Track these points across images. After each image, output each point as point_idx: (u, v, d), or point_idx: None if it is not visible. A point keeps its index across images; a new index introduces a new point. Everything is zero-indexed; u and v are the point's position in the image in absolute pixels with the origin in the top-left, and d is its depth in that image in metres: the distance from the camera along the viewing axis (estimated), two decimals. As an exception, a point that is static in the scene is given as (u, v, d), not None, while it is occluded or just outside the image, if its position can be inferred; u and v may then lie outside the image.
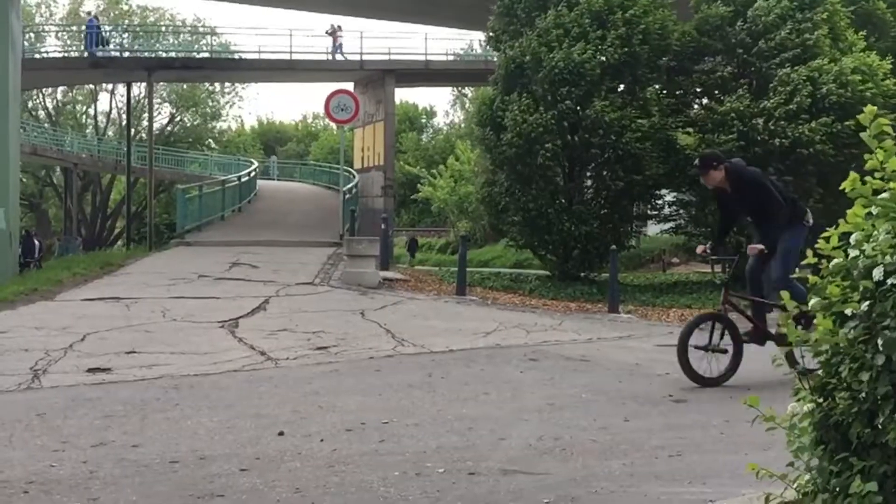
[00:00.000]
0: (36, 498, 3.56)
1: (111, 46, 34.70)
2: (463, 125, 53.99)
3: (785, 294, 2.39)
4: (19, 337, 7.89)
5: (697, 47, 16.21)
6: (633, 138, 14.90)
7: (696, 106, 16.85)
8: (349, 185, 22.60)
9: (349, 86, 28.55)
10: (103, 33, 30.15)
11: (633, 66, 15.64)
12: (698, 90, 16.95)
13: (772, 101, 14.73)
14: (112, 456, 4.22)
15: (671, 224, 17.56)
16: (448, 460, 4.11)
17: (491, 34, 17.65)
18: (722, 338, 6.06)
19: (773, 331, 6.07)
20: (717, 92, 16.15)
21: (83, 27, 30.69)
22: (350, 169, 27.93)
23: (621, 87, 16.21)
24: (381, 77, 28.51)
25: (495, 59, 19.56)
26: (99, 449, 4.35)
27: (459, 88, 51.58)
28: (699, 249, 6.89)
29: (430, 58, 30.12)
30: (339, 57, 29.98)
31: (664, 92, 16.68)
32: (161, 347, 7.54)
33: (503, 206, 16.10)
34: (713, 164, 6.35)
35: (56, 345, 7.47)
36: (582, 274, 16.05)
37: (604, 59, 15.14)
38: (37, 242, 24.55)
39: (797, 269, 6.06)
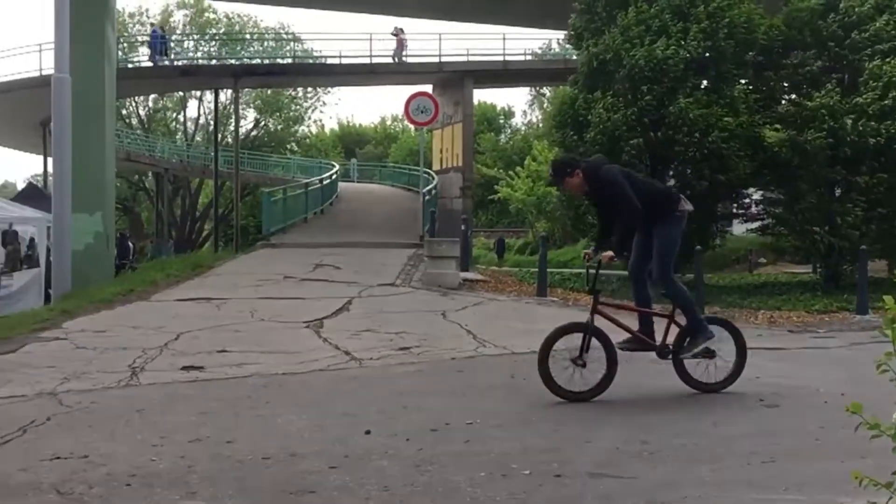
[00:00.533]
0: (138, 491, 3.72)
1: (198, 55, 35.91)
2: (541, 125, 53.72)
3: (888, 299, 2.29)
4: (118, 336, 8.25)
5: (786, 41, 15.71)
6: (719, 137, 14.55)
7: (783, 101, 16.33)
8: (428, 187, 22.76)
9: (428, 88, 28.76)
10: (168, 42, 31.06)
11: (717, 61, 15.28)
12: (786, 85, 16.42)
13: (864, 96, 14.16)
14: (208, 451, 4.37)
15: (758, 223, 17.07)
16: (534, 462, 4.11)
17: (572, 32, 17.53)
18: (587, 350, 5.57)
19: (658, 339, 5.80)
20: (805, 87, 15.62)
21: (146, 37, 31.76)
22: (429, 170, 28.11)
23: (704, 83, 15.86)
24: (459, 78, 28.63)
25: (575, 57, 19.42)
26: (195, 444, 4.51)
27: (538, 88, 51.28)
28: (584, 254, 6.04)
29: (508, 58, 30.09)
30: (405, 59, 30.25)
31: (750, 88, 16.22)
32: (250, 346, 7.75)
33: (584, 207, 15.95)
34: (567, 171, 5.90)
35: (152, 343, 7.78)
36: (664, 274, 15.73)
37: (687, 54, 14.83)
38: (131, 245, 25.55)
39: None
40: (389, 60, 29.88)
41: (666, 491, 3.66)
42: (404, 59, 30.04)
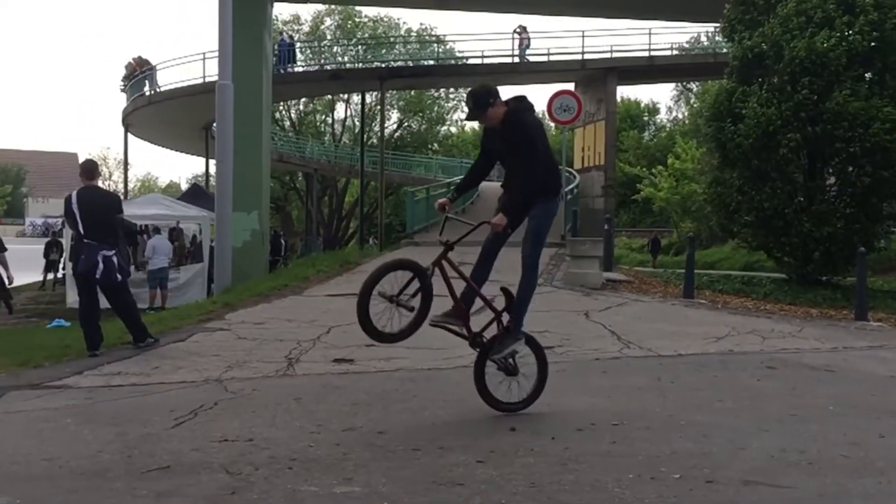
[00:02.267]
0: (299, 474, 3.94)
1: (346, 59, 37.15)
2: (687, 121, 52.01)
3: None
4: (275, 328, 8.71)
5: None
6: (882, 129, 13.62)
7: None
8: (570, 186, 22.57)
9: (570, 86, 28.53)
10: (295, 50, 32.02)
11: (884, 52, 14.31)
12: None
13: None
14: (361, 440, 4.56)
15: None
16: (683, 466, 4.03)
17: (725, 24, 16.91)
18: (414, 296, 5.09)
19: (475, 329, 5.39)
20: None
21: (276, 46, 32.96)
22: (570, 169, 27.88)
23: (868, 75, 14.89)
24: (602, 76, 28.22)
25: (725, 50, 18.73)
26: (349, 433, 4.72)
27: (684, 84, 49.70)
28: (439, 204, 5.46)
29: (653, 53, 29.36)
30: (527, 58, 30.12)
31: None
32: (404, 342, 7.97)
33: (734, 206, 15.36)
34: (490, 101, 5.14)
35: (306, 336, 8.16)
36: (824, 278, 14.95)
37: (849, 46, 14.00)
38: (283, 242, 26.85)
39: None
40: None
41: (827, 503, 3.50)
42: (527, 58, 29.97)
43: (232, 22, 12.77)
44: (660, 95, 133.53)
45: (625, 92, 52.02)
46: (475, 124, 51.80)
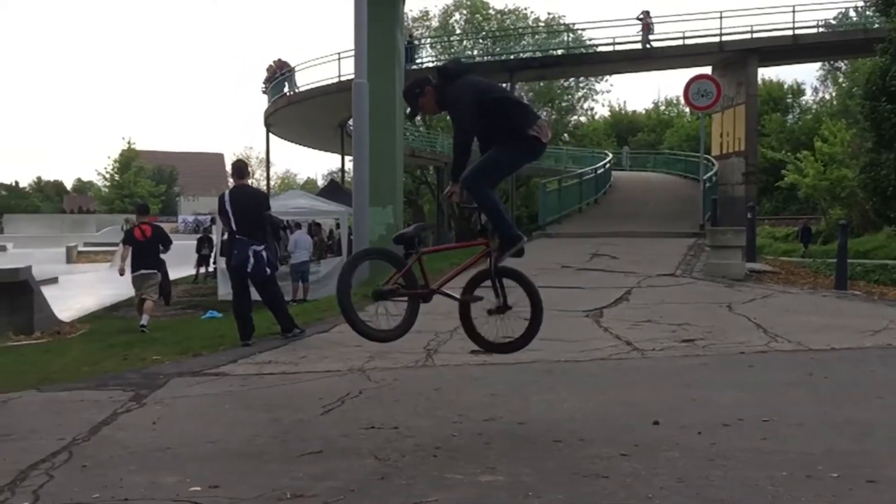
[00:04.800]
0: (444, 462, 4.03)
1: (475, 52, 37.29)
2: (835, 102, 49.07)
3: None
4: (412, 319, 8.90)
5: None
6: None
7: None
8: (709, 174, 21.81)
9: (706, 70, 27.52)
10: (415, 48, 32.15)
11: None
12: None
13: None
14: (502, 430, 4.62)
15: None
16: (841, 465, 3.84)
17: (880, -1, 15.89)
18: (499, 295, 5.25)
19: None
20: None
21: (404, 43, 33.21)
22: (708, 156, 26.94)
23: None
24: (742, 57, 27.08)
25: (878, 25, 17.55)
26: (490, 423, 4.78)
27: (831, 62, 46.90)
28: (448, 192, 5.06)
29: (797, 31, 27.86)
30: (651, 44, 29.14)
31: None
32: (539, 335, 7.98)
33: (891, 190, 14.41)
34: (416, 91, 4.93)
35: (442, 328, 8.28)
36: None
37: None
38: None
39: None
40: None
41: None
42: (650, 43, 29.08)
43: (366, 20, 13.10)
44: (804, 75, 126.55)
45: (766, 73, 49.64)
46: (607, 113, 50.46)
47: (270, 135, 37.04)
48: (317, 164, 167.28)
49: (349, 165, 42.17)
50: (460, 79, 4.87)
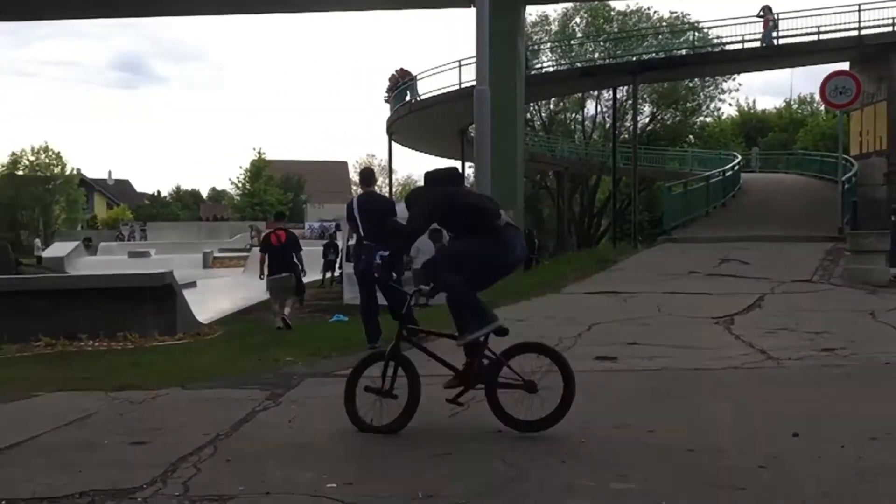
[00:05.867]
0: (573, 468, 4.00)
1: (595, 56, 36.85)
2: None
3: None
4: (535, 325, 8.88)
5: None
6: None
7: None
8: (848, 174, 20.67)
9: (844, 65, 26.12)
10: (537, 52, 31.71)
11: None
12: None
13: None
14: (632, 438, 4.54)
15: None
16: None
17: None
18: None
19: None
20: None
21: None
22: (847, 156, 25.54)
23: None
24: (882, 52, 25.50)
25: None
26: (619, 431, 4.72)
27: None
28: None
29: (950, 20, 25.99)
30: (774, 41, 27.72)
31: None
32: (659, 340, 7.82)
33: None
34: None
35: (566, 333, 8.24)
36: None
37: None
38: (536, 241, 27.24)
39: None
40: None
41: None
42: (773, 41, 27.72)
43: (488, 28, 13.20)
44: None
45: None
46: (734, 113, 48.47)
47: (392, 142, 37.81)
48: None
49: (469, 171, 42.52)
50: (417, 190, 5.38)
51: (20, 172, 52.22)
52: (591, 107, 49.22)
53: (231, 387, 6.55)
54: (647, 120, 47.93)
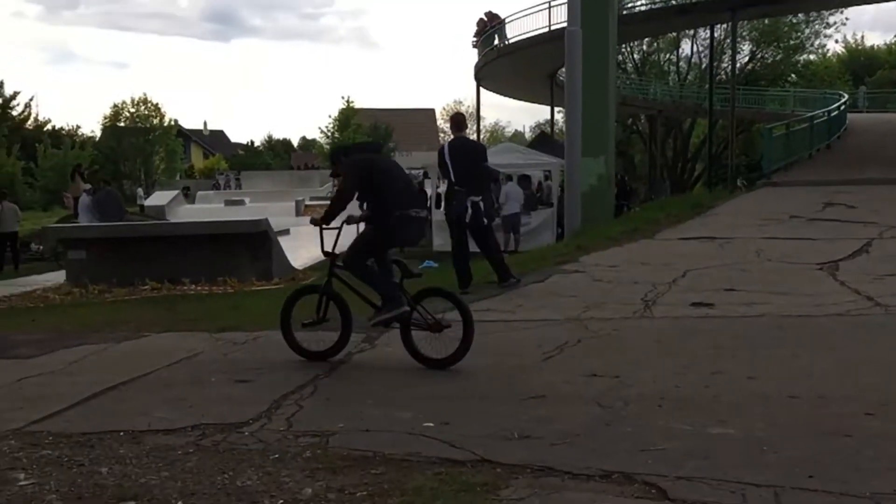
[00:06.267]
0: (670, 412, 3.97)
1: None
2: None
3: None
4: (628, 271, 8.77)
5: None
6: None
7: None
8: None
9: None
10: None
11: None
12: None
13: None
14: (730, 384, 4.45)
15: None
16: None
17: None
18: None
19: None
20: None
21: None
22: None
23: None
24: None
25: None
26: (717, 377, 4.63)
27: None
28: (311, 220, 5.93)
29: None
30: None
31: None
32: (758, 286, 7.59)
33: None
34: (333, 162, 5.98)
35: (660, 279, 8.09)
36: None
37: None
38: (629, 187, 26.68)
39: None
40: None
41: None
42: None
43: (579, -34, 12.80)
44: None
45: None
46: (840, 49, 45.96)
47: (481, 89, 37.46)
48: (524, 116, 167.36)
49: (558, 116, 41.80)
50: (348, 161, 5.67)
51: (121, 124, 54.19)
52: (686, 47, 47.46)
53: (327, 329, 6.71)
54: (746, 59, 45.89)
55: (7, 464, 3.53)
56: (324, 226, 5.62)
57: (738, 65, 38.17)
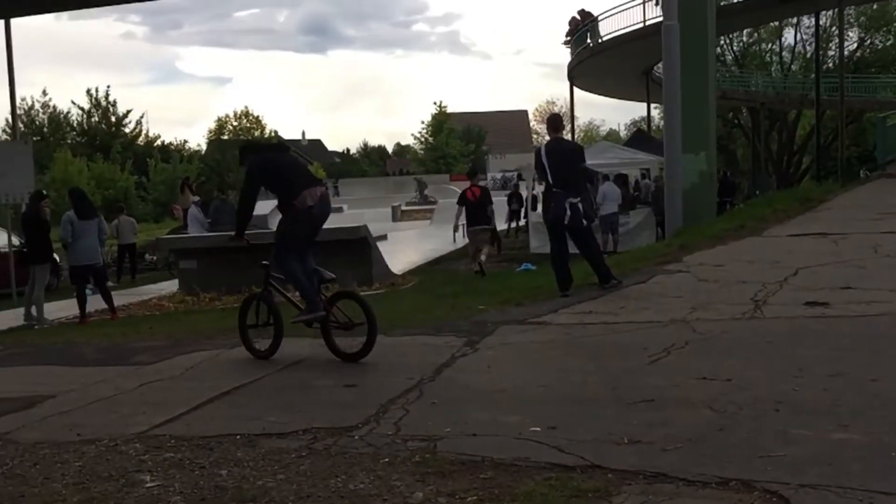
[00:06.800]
0: (787, 417, 3.81)
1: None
2: None
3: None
4: (735, 270, 8.49)
5: None
6: None
7: None
8: None
9: None
10: None
11: None
12: None
13: None
14: (851, 387, 4.25)
15: None
16: None
17: None
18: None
19: None
20: None
21: None
22: None
23: None
24: None
25: None
26: (836, 379, 4.42)
27: None
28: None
29: None
30: None
31: None
32: (878, 284, 7.21)
33: None
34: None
35: (770, 278, 7.80)
36: None
37: None
38: (733, 182, 25.80)
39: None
40: None
41: None
42: None
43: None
44: None
45: None
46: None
47: (574, 88, 37.08)
48: (617, 113, 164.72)
49: (655, 113, 40.97)
50: (249, 161, 6.22)
51: (225, 137, 56.33)
52: (789, 35, 45.68)
53: (429, 333, 6.79)
54: (854, 46, 43.81)
55: (134, 466, 3.70)
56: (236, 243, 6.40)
57: (845, 52, 36.48)
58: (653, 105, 38.26)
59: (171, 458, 3.77)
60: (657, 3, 27.56)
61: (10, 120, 24.57)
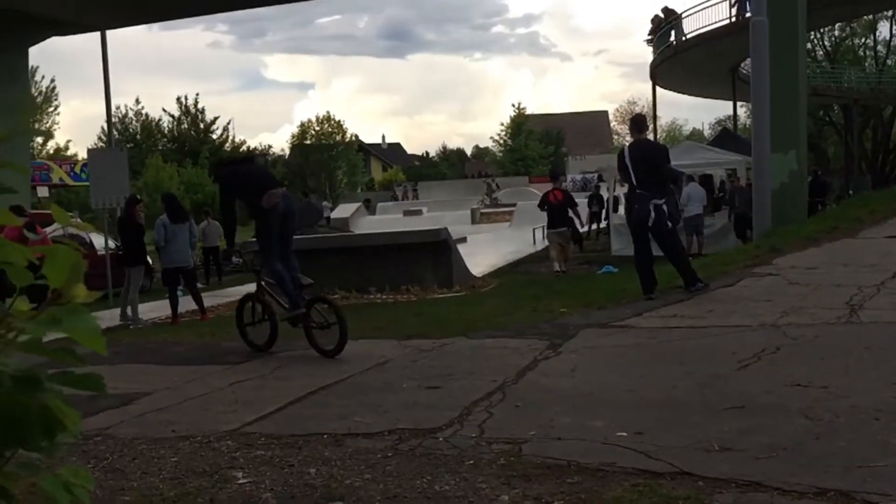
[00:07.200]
0: (888, 426, 3.65)
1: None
2: None
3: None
4: (829, 273, 8.20)
5: None
6: None
7: None
8: None
9: None
10: None
11: None
12: None
13: None
14: (959, 397, 4.04)
15: None
16: None
17: None
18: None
19: None
20: None
21: None
22: None
23: None
24: None
25: None
26: (942, 387, 4.22)
27: None
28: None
29: None
30: None
31: None
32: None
33: None
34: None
35: (867, 281, 7.50)
36: None
37: None
38: (826, 182, 24.84)
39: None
40: None
41: None
42: None
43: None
44: None
45: None
46: None
47: (656, 87, 36.38)
48: (700, 113, 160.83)
49: (741, 111, 39.85)
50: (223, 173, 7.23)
51: (308, 142, 57.47)
52: (884, 29, 43.78)
53: (511, 336, 6.77)
54: (955, 38, 41.67)
55: (227, 463, 3.81)
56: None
57: (946, 44, 34.73)
58: (739, 103, 37.21)
59: (261, 456, 3.87)
60: (732, 5, 26.90)
61: (105, 128, 25.64)
